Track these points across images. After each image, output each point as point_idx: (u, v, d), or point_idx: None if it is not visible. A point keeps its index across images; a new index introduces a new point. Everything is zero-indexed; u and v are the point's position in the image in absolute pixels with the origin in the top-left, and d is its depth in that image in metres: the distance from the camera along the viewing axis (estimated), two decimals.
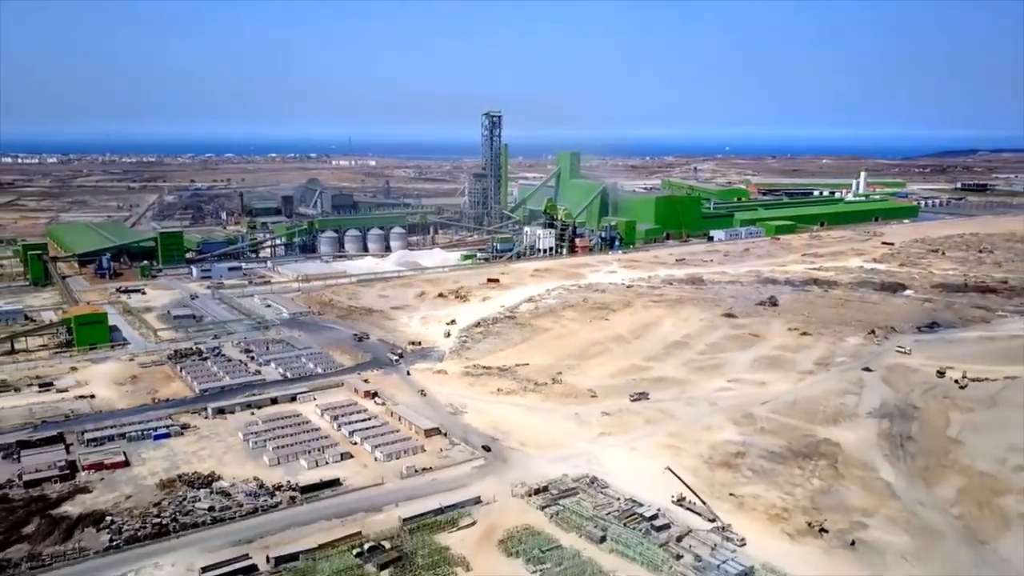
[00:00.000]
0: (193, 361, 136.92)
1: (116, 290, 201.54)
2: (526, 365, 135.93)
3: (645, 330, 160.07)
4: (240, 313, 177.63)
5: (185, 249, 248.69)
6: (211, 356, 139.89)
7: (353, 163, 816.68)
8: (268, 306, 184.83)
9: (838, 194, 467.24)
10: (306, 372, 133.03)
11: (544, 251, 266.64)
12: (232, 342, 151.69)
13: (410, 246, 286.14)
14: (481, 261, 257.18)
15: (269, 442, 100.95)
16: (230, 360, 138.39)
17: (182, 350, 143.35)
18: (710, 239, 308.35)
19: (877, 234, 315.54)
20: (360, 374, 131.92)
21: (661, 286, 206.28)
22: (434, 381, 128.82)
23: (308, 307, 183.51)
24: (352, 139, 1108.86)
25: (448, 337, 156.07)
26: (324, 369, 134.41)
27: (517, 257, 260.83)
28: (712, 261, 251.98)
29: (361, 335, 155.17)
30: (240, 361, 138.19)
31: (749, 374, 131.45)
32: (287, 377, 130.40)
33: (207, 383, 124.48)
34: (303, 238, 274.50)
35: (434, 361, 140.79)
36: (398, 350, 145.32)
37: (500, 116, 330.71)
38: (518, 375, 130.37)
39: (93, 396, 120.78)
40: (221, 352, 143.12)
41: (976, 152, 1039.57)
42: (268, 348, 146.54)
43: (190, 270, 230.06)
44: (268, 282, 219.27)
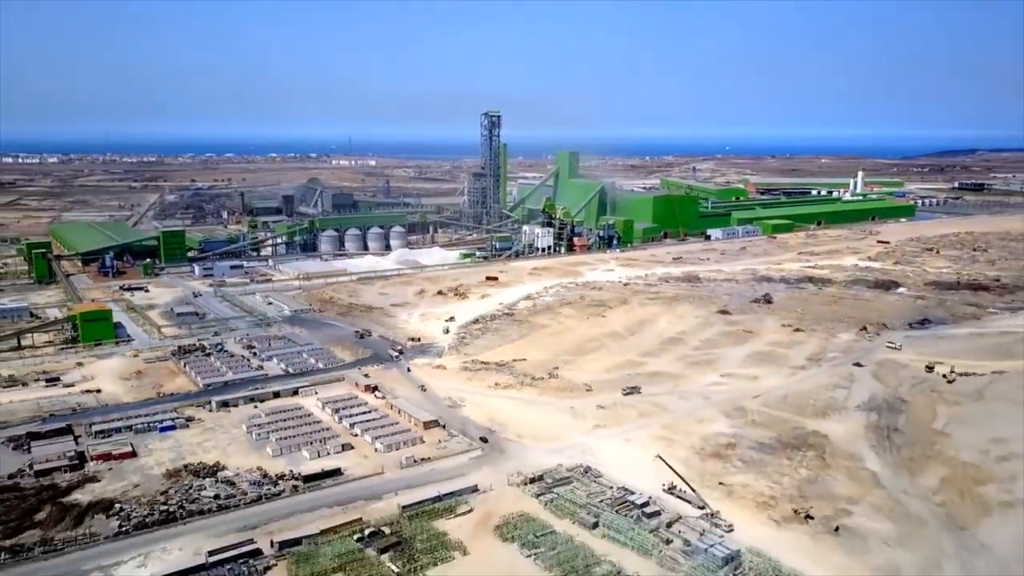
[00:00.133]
0: (197, 357, 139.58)
1: (119, 288, 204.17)
2: (523, 360, 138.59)
3: (641, 327, 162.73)
4: (242, 310, 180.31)
5: (187, 248, 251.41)
6: (214, 352, 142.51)
7: (353, 163, 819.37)
8: (270, 303, 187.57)
9: (836, 193, 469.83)
10: (307, 367, 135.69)
11: (542, 250, 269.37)
12: (234, 338, 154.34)
13: (410, 245, 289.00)
14: (480, 259, 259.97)
15: (272, 434, 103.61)
16: (233, 356, 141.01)
17: (185, 346, 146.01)
18: (707, 238, 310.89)
19: (873, 233, 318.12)
20: (360, 369, 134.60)
21: (657, 284, 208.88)
22: (433, 376, 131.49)
23: (309, 305, 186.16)
24: (352, 139, 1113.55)
25: (447, 333, 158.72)
26: (325, 364, 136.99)
27: (516, 256, 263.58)
28: (708, 259, 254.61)
29: (363, 332, 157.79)
30: (243, 357, 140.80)
31: (742, 369, 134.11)
32: (289, 372, 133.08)
33: (211, 378, 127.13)
34: (304, 237, 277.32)
35: (433, 357, 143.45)
36: (398, 346, 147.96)
37: (499, 116, 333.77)
38: (515, 370, 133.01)
39: (99, 390, 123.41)
40: (224, 348, 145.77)
41: (975, 152, 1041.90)
42: (270, 344, 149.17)
43: (192, 268, 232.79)
44: (269, 280, 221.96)
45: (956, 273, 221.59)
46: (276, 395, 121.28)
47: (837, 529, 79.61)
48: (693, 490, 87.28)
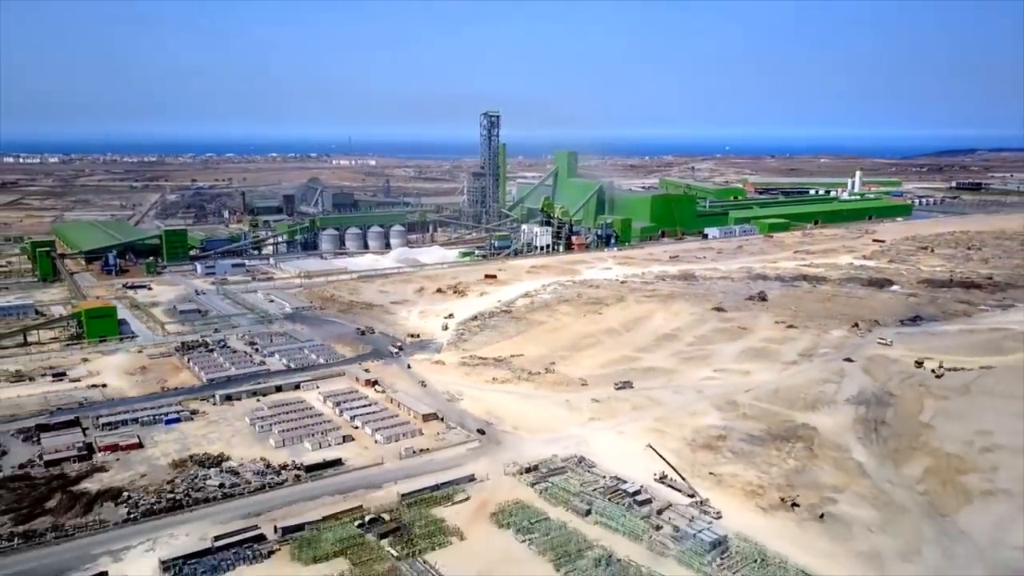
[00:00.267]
0: (200, 352, 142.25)
1: (123, 286, 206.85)
2: (520, 356, 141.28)
3: (636, 323, 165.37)
4: (244, 308, 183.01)
5: (189, 246, 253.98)
6: (217, 348, 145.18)
7: (353, 163, 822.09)
8: (271, 301, 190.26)
9: (833, 193, 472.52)
10: (309, 363, 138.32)
11: (541, 248, 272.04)
12: (237, 335, 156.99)
13: (410, 243, 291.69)
14: (479, 258, 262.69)
15: (275, 426, 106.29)
16: (235, 352, 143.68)
17: (189, 342, 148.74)
18: (705, 237, 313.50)
19: (869, 232, 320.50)
20: (361, 364, 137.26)
21: (654, 282, 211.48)
22: (432, 371, 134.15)
23: (310, 302, 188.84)
24: (352, 139, 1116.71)
25: (446, 330, 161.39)
26: (326, 360, 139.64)
27: (514, 254, 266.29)
28: (705, 258, 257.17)
29: (364, 329, 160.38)
30: (245, 352, 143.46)
31: (735, 364, 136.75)
32: (291, 367, 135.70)
33: (214, 373, 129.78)
34: (305, 236, 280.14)
35: (432, 352, 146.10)
36: (398, 342, 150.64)
37: (498, 116, 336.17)
38: (513, 365, 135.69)
39: (105, 385, 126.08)
40: (227, 344, 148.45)
41: (975, 151, 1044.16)
42: (272, 340, 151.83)
43: (194, 267, 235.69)
44: (271, 278, 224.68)
45: (949, 271, 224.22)
46: (278, 389, 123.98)
47: (822, 516, 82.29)
48: (684, 479, 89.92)
